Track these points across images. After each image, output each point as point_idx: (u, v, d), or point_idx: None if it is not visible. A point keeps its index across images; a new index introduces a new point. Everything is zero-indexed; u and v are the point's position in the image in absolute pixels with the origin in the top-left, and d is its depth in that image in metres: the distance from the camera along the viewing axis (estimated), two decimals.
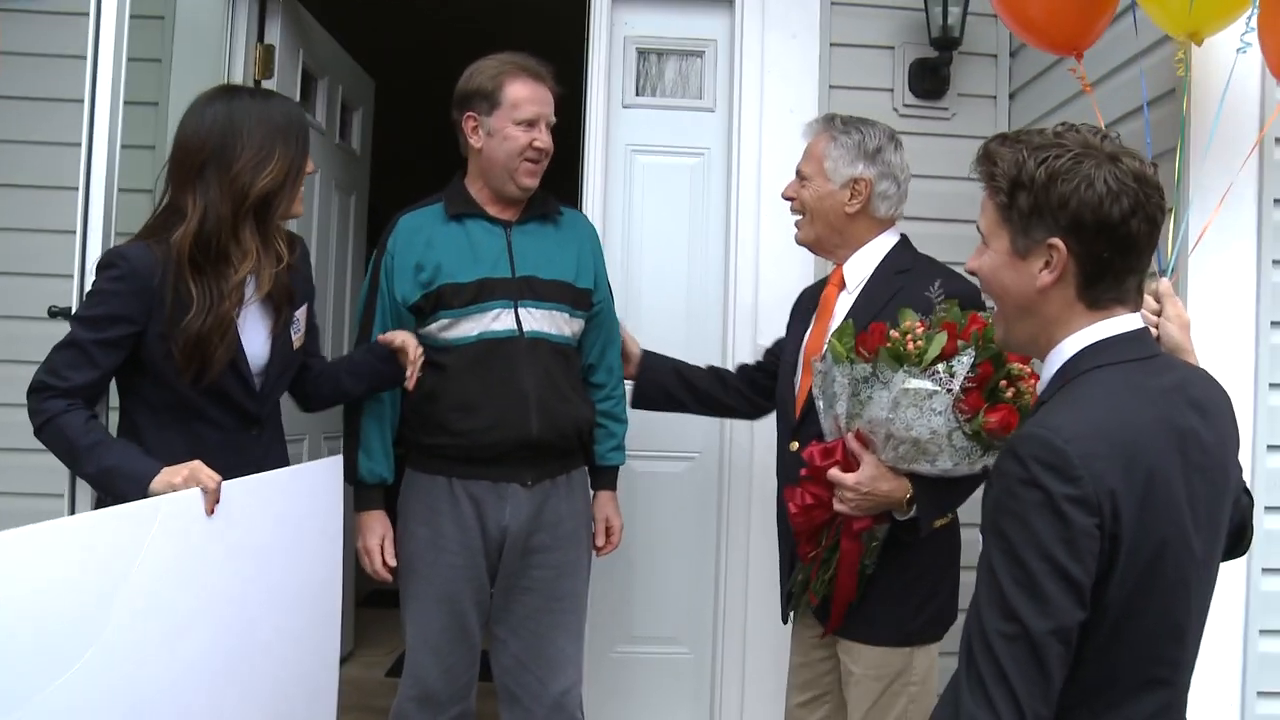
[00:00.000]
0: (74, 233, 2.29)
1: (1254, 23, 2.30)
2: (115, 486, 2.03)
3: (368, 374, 2.54)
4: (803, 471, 2.25)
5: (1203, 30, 2.33)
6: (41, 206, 3.26)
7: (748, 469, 3.39)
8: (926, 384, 2.03)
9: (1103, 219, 1.42)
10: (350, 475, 2.57)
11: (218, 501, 2.04)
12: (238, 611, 2.14)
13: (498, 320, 2.53)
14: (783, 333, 2.68)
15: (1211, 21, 2.34)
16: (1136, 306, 1.51)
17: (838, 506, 2.18)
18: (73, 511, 2.25)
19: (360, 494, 2.62)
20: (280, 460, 2.39)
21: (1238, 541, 1.62)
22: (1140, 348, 1.48)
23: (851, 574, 2.24)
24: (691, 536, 3.48)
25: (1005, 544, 1.35)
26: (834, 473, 2.16)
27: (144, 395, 2.20)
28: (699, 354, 3.22)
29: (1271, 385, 2.56)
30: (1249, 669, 2.52)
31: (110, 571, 1.90)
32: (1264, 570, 2.53)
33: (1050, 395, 1.47)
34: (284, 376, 2.37)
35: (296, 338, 2.37)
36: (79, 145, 2.32)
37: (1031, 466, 1.34)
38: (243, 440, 2.27)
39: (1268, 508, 2.49)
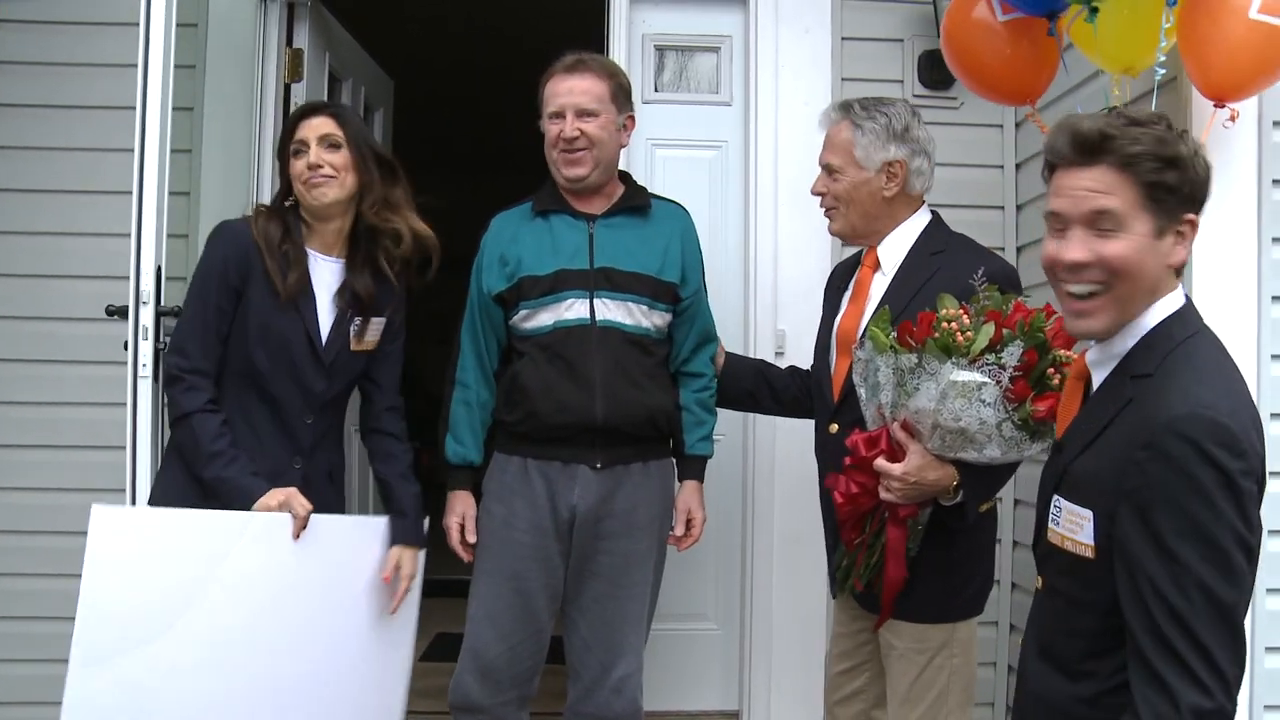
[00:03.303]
0: (122, 235, 2.41)
1: (1164, 51, 2.39)
2: (225, 496, 2.24)
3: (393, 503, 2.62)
4: (847, 460, 2.24)
5: (1136, 65, 2.47)
6: (89, 211, 3.38)
7: (771, 448, 3.48)
8: (976, 376, 2.01)
9: (1207, 194, 1.50)
10: (440, 455, 2.72)
11: (304, 528, 2.28)
12: (305, 635, 2.33)
13: (571, 309, 2.61)
14: (803, 322, 2.74)
15: (1135, 59, 2.47)
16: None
17: (884, 495, 2.17)
18: (133, 505, 2.37)
19: (449, 474, 2.73)
20: (331, 460, 2.56)
21: None
22: (1199, 316, 1.55)
23: (899, 562, 2.23)
24: (718, 514, 3.54)
25: (1188, 525, 1.36)
26: (880, 463, 2.16)
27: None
28: None
29: (1273, 357, 2.66)
30: (1256, 684, 2.59)
31: (200, 566, 2.14)
32: (1268, 590, 2.61)
33: (1154, 367, 1.47)
34: (344, 370, 2.51)
35: (355, 339, 2.51)
36: (123, 151, 2.45)
37: (1206, 447, 1.36)
38: (295, 426, 2.43)
39: (1272, 472, 2.60)
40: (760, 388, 2.81)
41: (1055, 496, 1.57)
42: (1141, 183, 1.46)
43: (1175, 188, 1.46)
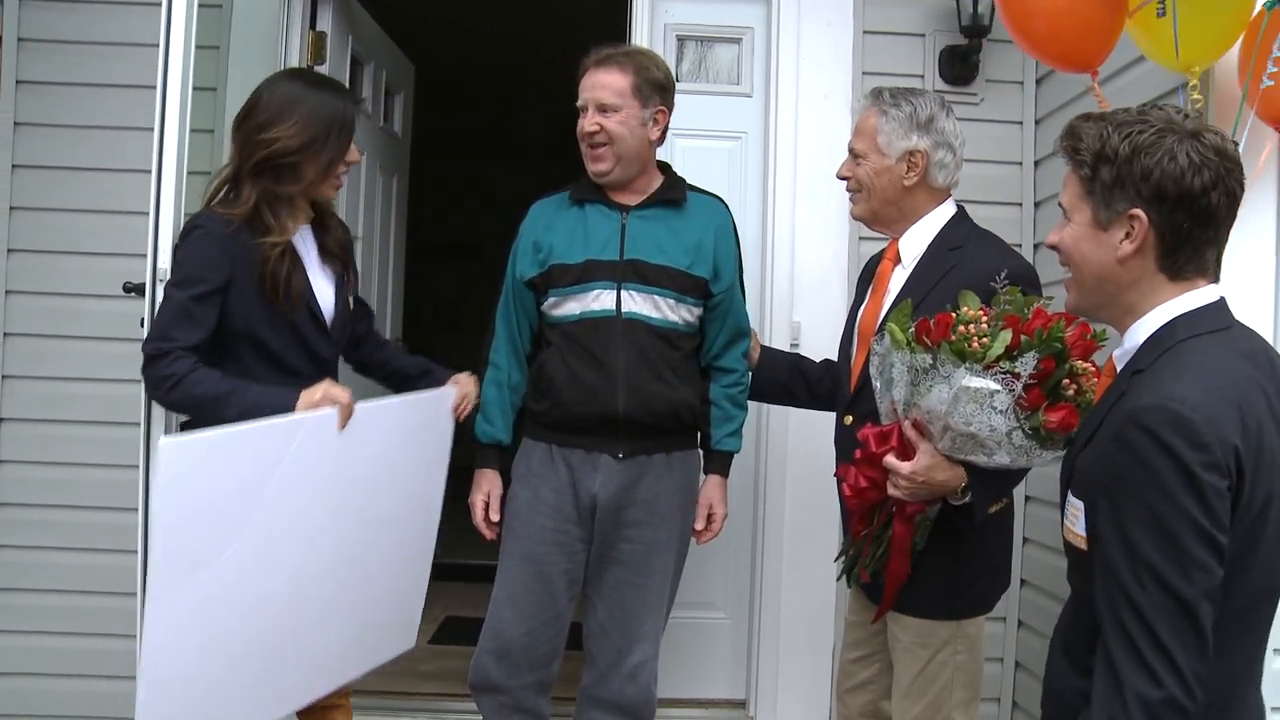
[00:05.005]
0: (144, 214, 2.40)
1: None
2: (264, 417, 2.21)
3: (416, 380, 2.71)
4: (858, 454, 2.24)
5: (1197, 67, 2.43)
6: (112, 189, 3.40)
7: (784, 439, 3.50)
8: (989, 383, 2.00)
9: (1184, 190, 1.47)
10: (469, 434, 2.75)
11: (349, 417, 2.27)
12: (355, 523, 2.40)
13: (598, 300, 2.63)
14: (819, 314, 2.72)
15: (1202, 60, 2.43)
16: (1216, 278, 1.56)
17: (892, 492, 2.17)
18: (147, 481, 2.39)
19: (477, 452, 2.77)
20: None
21: None
22: (1224, 317, 1.54)
23: (904, 557, 2.24)
24: (730, 505, 3.56)
25: (1145, 515, 1.38)
26: (890, 460, 2.15)
27: (233, 353, 2.36)
28: None
29: None
30: (1265, 687, 2.58)
31: (262, 475, 2.17)
32: None
33: (1148, 364, 1.50)
34: (345, 329, 2.57)
35: (352, 299, 2.58)
36: (146, 130, 2.43)
37: (1164, 436, 1.37)
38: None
39: None
40: (795, 381, 2.81)
41: (1068, 492, 1.59)
42: (1079, 176, 1.57)
43: (1110, 183, 1.52)
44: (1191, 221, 1.50)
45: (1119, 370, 1.61)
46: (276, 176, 2.34)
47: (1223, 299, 1.56)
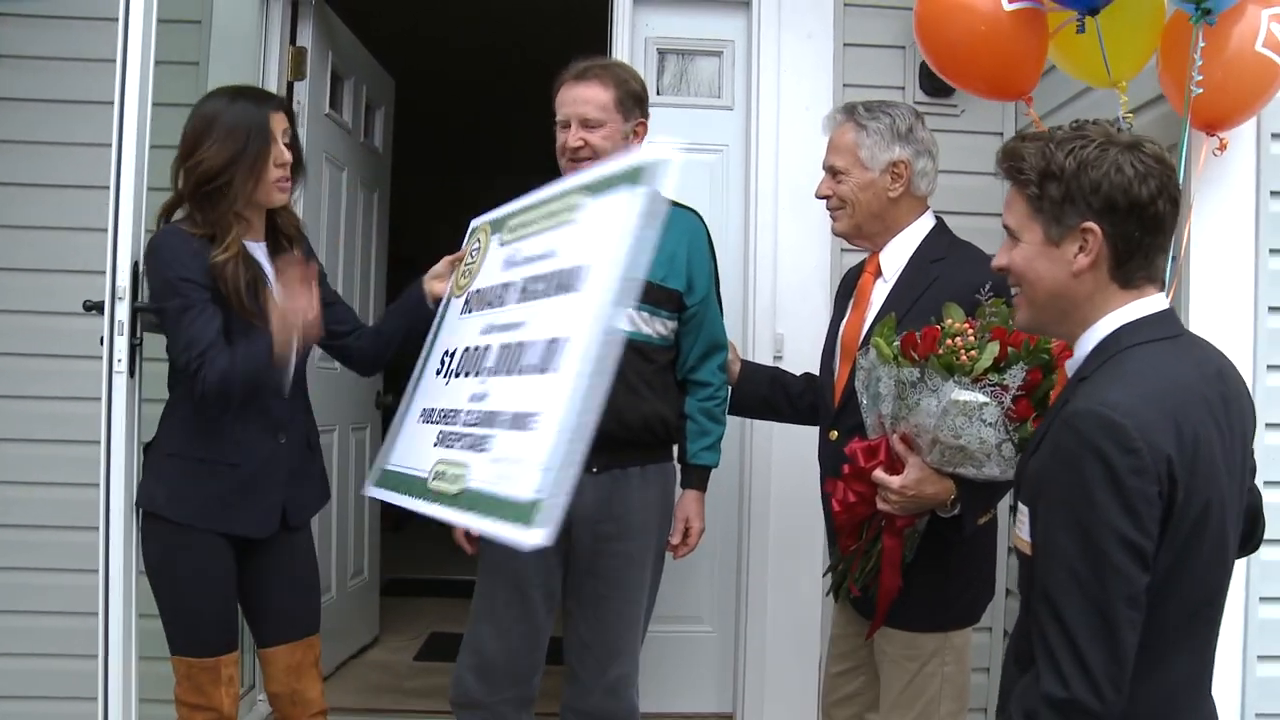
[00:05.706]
0: (105, 230, 2.39)
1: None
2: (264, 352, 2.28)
3: (401, 314, 2.69)
4: (846, 469, 2.22)
5: (1123, 80, 2.50)
6: (75, 206, 3.36)
7: (768, 451, 3.49)
8: (978, 396, 1.99)
9: (1134, 200, 1.50)
10: None
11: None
12: None
13: None
14: (801, 325, 2.70)
15: (1129, 75, 2.50)
16: (1164, 284, 1.59)
17: (881, 506, 2.16)
18: (108, 500, 2.38)
19: None
20: (306, 424, 2.60)
21: (1251, 531, 1.67)
22: (1171, 326, 1.57)
23: (895, 571, 2.22)
24: (714, 517, 3.56)
25: (1070, 518, 1.42)
26: (879, 474, 2.14)
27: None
28: None
29: (1270, 367, 2.69)
30: (1248, 692, 2.62)
31: None
32: (1261, 599, 2.66)
33: (1091, 371, 1.53)
34: (306, 343, 2.55)
35: None
36: (110, 146, 2.41)
37: (1094, 440, 1.40)
38: (274, 403, 2.46)
39: (1267, 482, 2.62)
40: (777, 395, 2.78)
41: (1019, 500, 1.62)
42: (1025, 196, 1.59)
43: (1060, 198, 1.54)
44: (1142, 230, 1.53)
45: (1069, 378, 1.63)
46: (214, 199, 2.38)
47: (1170, 309, 1.59)
